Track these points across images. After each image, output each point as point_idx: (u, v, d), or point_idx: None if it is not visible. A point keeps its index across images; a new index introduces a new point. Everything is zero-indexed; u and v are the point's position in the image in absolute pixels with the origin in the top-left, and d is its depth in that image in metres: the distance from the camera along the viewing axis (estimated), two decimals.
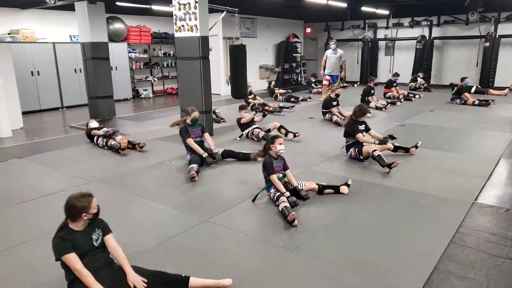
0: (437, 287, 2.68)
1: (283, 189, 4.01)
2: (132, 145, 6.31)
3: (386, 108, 9.59)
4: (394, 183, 4.67)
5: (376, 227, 3.60)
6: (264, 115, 7.08)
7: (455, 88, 10.47)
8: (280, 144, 4.11)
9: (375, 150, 5.18)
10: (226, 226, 3.64)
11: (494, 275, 2.82)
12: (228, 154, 5.64)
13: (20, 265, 3.06)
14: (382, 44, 15.82)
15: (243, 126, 6.90)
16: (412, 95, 11.36)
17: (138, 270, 2.59)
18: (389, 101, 10.39)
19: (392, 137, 5.72)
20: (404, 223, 3.67)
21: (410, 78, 13.38)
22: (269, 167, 4.06)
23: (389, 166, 4.95)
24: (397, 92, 11.21)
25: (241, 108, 7.00)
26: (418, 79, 12.94)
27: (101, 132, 6.47)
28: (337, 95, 8.50)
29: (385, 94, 11.42)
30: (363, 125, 5.60)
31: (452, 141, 6.52)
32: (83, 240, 2.47)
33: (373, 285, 2.73)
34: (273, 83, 12.30)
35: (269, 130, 6.83)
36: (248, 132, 6.85)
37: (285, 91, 11.86)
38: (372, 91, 10.05)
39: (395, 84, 11.42)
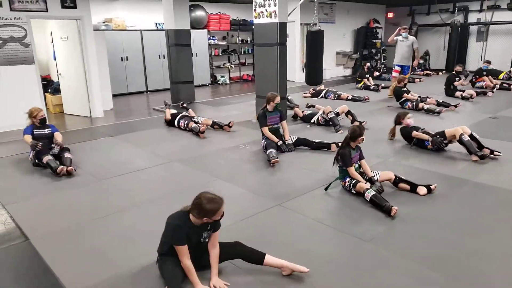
0: None
1: (362, 180, 3.92)
2: (219, 126, 6.67)
3: (472, 98, 8.86)
4: (484, 179, 4.33)
5: (463, 223, 3.39)
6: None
7: None
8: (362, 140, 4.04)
9: (463, 134, 4.83)
10: (299, 212, 3.67)
11: None
12: (301, 142, 5.62)
13: (117, 232, 3.38)
14: (473, 29, 14.48)
15: (305, 116, 7.10)
16: (508, 84, 10.30)
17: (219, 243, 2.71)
18: (478, 90, 9.56)
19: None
20: (492, 221, 3.41)
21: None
22: (347, 159, 3.96)
23: (479, 155, 4.64)
24: (491, 82, 10.22)
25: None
26: None
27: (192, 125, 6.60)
28: (405, 84, 8.15)
29: (474, 84, 10.51)
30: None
31: None
32: (195, 237, 2.56)
33: (458, 284, 2.59)
34: (367, 65, 11.73)
35: (337, 114, 6.70)
36: (316, 119, 6.84)
37: (373, 84, 10.88)
38: (457, 79, 9.30)
39: (485, 73, 10.45)
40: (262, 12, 6.92)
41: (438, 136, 5.19)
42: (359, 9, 14.77)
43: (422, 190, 3.94)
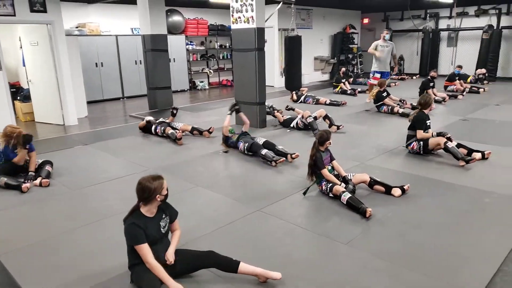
0: None
1: (337, 181, 3.98)
2: (199, 132, 6.61)
3: (445, 101, 9.11)
4: (457, 180, 4.44)
5: (436, 224, 3.45)
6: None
7: None
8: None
9: (447, 142, 4.92)
10: (278, 217, 3.67)
11: None
12: (268, 145, 5.47)
13: (91, 244, 3.29)
14: (444, 34, 14.95)
15: (287, 121, 7.10)
16: (476, 88, 10.67)
17: (189, 251, 2.71)
18: (450, 94, 9.84)
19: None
20: (466, 221, 3.49)
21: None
22: (320, 162, 4.04)
23: (465, 160, 4.73)
24: (461, 85, 10.58)
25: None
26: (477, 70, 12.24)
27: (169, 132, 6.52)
28: (385, 88, 8.34)
29: (446, 87, 10.82)
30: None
31: None
32: (153, 228, 2.58)
33: (433, 282, 2.64)
34: (343, 69, 11.84)
35: (315, 117, 6.75)
36: (295, 123, 6.90)
37: (349, 88, 11.10)
38: (432, 84, 9.55)
39: (457, 78, 10.79)
40: (239, 17, 6.94)
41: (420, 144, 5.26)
42: (335, 15, 15.01)
43: (396, 192, 4.02)
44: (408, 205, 3.84)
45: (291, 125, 6.98)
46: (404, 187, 4.06)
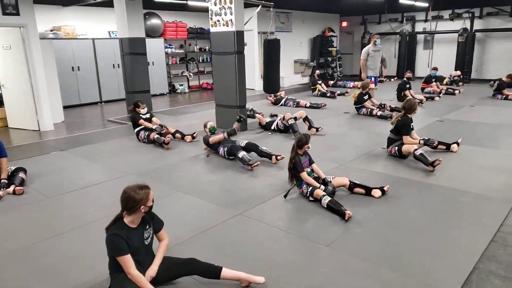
0: (476, 287, 2.59)
1: (317, 184, 4.00)
2: (181, 135, 6.54)
3: (422, 103, 9.29)
4: (433, 180, 4.53)
5: (414, 224, 3.51)
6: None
7: (496, 82, 10.06)
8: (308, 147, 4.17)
9: (416, 149, 4.99)
10: (260, 220, 3.66)
11: None
12: (250, 146, 5.49)
13: (68, 253, 3.20)
14: (420, 37, 15.29)
15: (268, 123, 7.09)
16: (452, 90, 10.96)
17: (171, 259, 2.67)
18: (427, 95, 10.06)
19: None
20: (443, 220, 3.56)
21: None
22: (299, 166, 4.06)
23: (433, 164, 4.75)
24: (438, 87, 10.83)
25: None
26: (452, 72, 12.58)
27: (150, 125, 6.50)
28: (367, 91, 8.43)
29: (423, 89, 11.07)
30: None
31: (493, 137, 6.24)
32: (136, 240, 2.52)
33: (411, 282, 2.68)
34: (317, 72, 11.91)
35: (295, 118, 6.75)
36: (276, 125, 6.90)
37: (326, 90, 11.29)
38: (408, 85, 9.73)
39: (434, 80, 11.06)
40: (218, 20, 6.92)
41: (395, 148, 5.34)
42: (314, 18, 15.16)
43: (376, 193, 4.06)
44: (387, 206, 3.89)
45: (272, 128, 7.00)
46: (384, 188, 4.11)
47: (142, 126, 6.57)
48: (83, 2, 9.44)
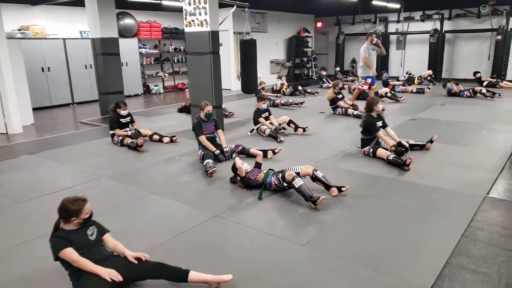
0: (449, 281, 2.66)
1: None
2: (159, 137, 6.43)
3: (399, 101, 9.53)
4: (407, 177, 4.62)
5: (388, 221, 3.57)
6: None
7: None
8: (242, 163, 4.35)
9: (389, 155, 5.09)
10: (236, 222, 3.64)
11: (506, 269, 2.78)
12: (243, 151, 5.44)
13: (40, 259, 3.07)
14: (393, 38, 15.62)
15: (256, 120, 6.88)
16: (421, 89, 11.34)
17: (138, 261, 2.64)
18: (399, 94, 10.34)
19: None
20: (416, 217, 3.63)
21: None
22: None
23: (406, 163, 4.84)
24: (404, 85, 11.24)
25: (260, 99, 6.94)
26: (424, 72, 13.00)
27: (124, 133, 6.33)
28: (340, 89, 8.52)
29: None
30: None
31: (463, 135, 6.44)
32: (79, 237, 2.56)
33: (386, 279, 2.72)
34: (285, 86, 11.94)
35: (279, 125, 6.78)
36: (258, 128, 6.83)
37: (285, 88, 11.50)
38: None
39: (390, 81, 11.42)
40: (193, 20, 6.85)
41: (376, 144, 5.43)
42: (289, 18, 15.25)
43: (334, 192, 4.10)
44: (362, 204, 3.94)
45: (254, 128, 6.90)
46: (343, 188, 4.12)
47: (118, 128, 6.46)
48: (53, 1, 9.17)
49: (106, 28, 8.53)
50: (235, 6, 8.41)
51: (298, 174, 4.14)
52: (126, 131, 6.36)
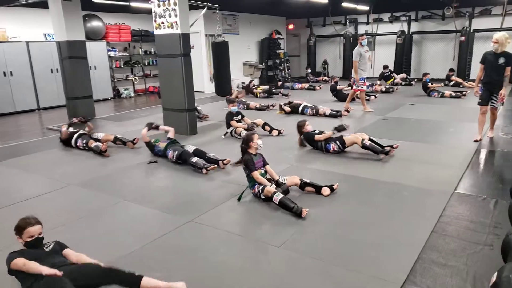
0: (420, 276, 2.71)
1: (268, 183, 4.01)
2: (122, 142, 6.29)
3: (368, 101, 9.68)
4: (378, 176, 4.70)
5: (361, 219, 3.62)
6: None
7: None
8: (258, 138, 4.18)
9: (364, 139, 5.22)
10: (212, 226, 3.59)
11: (473, 261, 2.87)
12: (198, 152, 5.34)
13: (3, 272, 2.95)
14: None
15: (228, 123, 6.84)
16: (392, 88, 11.62)
17: (90, 266, 2.59)
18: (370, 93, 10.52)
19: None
20: (388, 214, 3.70)
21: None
22: (250, 164, 4.06)
23: (384, 152, 5.11)
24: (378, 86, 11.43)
25: (229, 102, 6.92)
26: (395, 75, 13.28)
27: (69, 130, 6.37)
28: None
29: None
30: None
31: (432, 133, 6.62)
32: (33, 251, 2.58)
33: (359, 277, 2.75)
34: (253, 82, 12.08)
35: (253, 127, 6.78)
36: (232, 131, 6.79)
37: (262, 89, 11.58)
38: (338, 87, 10.32)
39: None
40: (162, 22, 6.75)
41: (337, 142, 5.53)
42: (261, 20, 15.29)
43: (326, 191, 4.15)
44: (335, 204, 3.98)
45: (228, 131, 6.84)
46: (333, 186, 4.21)
47: (78, 134, 6.36)
48: (14, 2, 8.82)
49: (72, 30, 8.30)
50: (206, 8, 8.35)
51: (281, 184, 4.07)
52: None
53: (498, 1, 12.38)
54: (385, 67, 13.15)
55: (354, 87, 8.83)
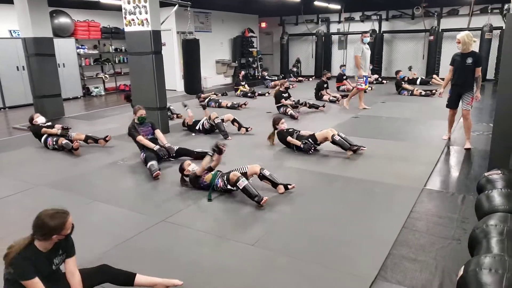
0: (391, 271, 2.78)
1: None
2: (94, 140, 6.14)
3: (338, 101, 9.80)
4: (350, 173, 4.78)
5: (333, 217, 3.66)
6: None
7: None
8: (189, 165, 4.44)
9: (334, 135, 5.32)
10: (184, 225, 3.56)
11: (442, 256, 2.96)
12: (182, 152, 5.48)
13: None
14: (335, 38, 16.17)
15: (194, 123, 6.89)
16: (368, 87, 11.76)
17: (81, 271, 2.46)
18: (342, 94, 10.62)
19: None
20: (360, 211, 3.76)
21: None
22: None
23: (352, 150, 5.24)
24: (349, 84, 11.50)
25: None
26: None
27: (54, 130, 6.09)
28: (287, 88, 8.65)
29: (338, 87, 11.70)
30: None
31: (402, 131, 6.79)
32: (44, 265, 2.26)
33: (333, 273, 2.78)
34: (242, 73, 12.09)
35: (222, 120, 6.71)
36: (201, 125, 6.78)
37: (248, 89, 11.47)
38: (325, 85, 10.27)
39: (345, 77, 11.75)
40: (133, 19, 6.62)
41: (309, 140, 5.57)
42: (234, 18, 15.24)
43: (280, 189, 4.18)
44: (308, 201, 4.02)
45: (196, 128, 6.85)
46: (289, 186, 4.23)
47: (46, 125, 6.21)
48: None
49: (39, 27, 8.01)
50: (177, 5, 8.24)
51: (245, 173, 4.14)
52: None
53: (465, 1, 12.82)
54: (344, 65, 13.24)
55: (357, 85, 8.78)
